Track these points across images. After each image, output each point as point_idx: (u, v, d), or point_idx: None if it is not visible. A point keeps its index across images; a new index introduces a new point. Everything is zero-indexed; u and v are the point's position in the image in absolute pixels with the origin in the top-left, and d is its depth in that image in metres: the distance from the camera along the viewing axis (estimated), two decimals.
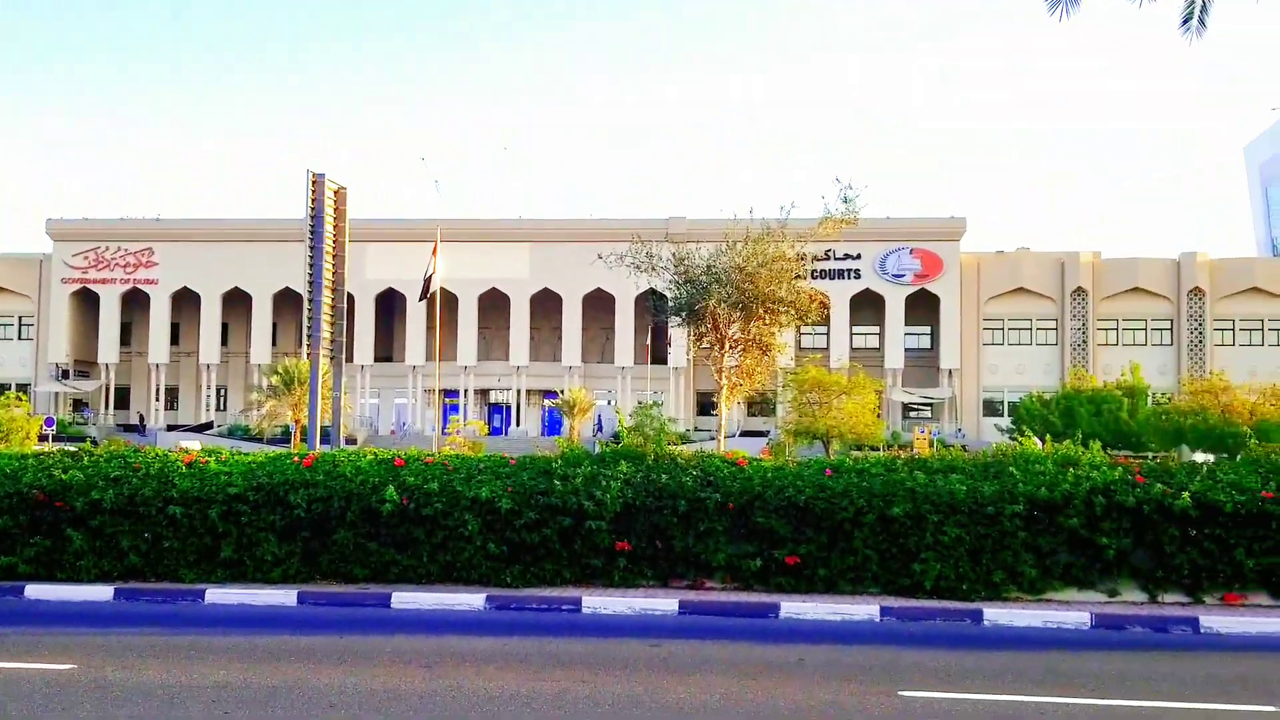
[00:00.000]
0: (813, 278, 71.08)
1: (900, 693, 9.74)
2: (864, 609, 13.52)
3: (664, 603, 13.73)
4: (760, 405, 74.06)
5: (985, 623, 13.29)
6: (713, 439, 69.59)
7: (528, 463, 15.17)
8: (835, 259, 71.65)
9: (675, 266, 23.36)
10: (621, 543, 14.39)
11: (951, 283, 71.63)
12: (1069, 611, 13.42)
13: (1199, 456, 46.18)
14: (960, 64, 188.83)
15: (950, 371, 72.20)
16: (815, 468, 14.87)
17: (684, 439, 65.36)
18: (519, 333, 73.97)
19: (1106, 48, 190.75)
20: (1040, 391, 63.15)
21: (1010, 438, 61.43)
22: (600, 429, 67.43)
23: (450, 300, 71.21)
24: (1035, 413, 59.77)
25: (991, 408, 72.62)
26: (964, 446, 43.28)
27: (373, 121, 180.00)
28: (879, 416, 71.97)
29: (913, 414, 74.54)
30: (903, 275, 71.96)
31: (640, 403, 62.91)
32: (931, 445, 52.08)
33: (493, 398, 77.09)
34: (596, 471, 14.65)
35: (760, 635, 12.51)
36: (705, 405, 77.28)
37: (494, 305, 74.64)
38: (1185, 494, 13.64)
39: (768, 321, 23.03)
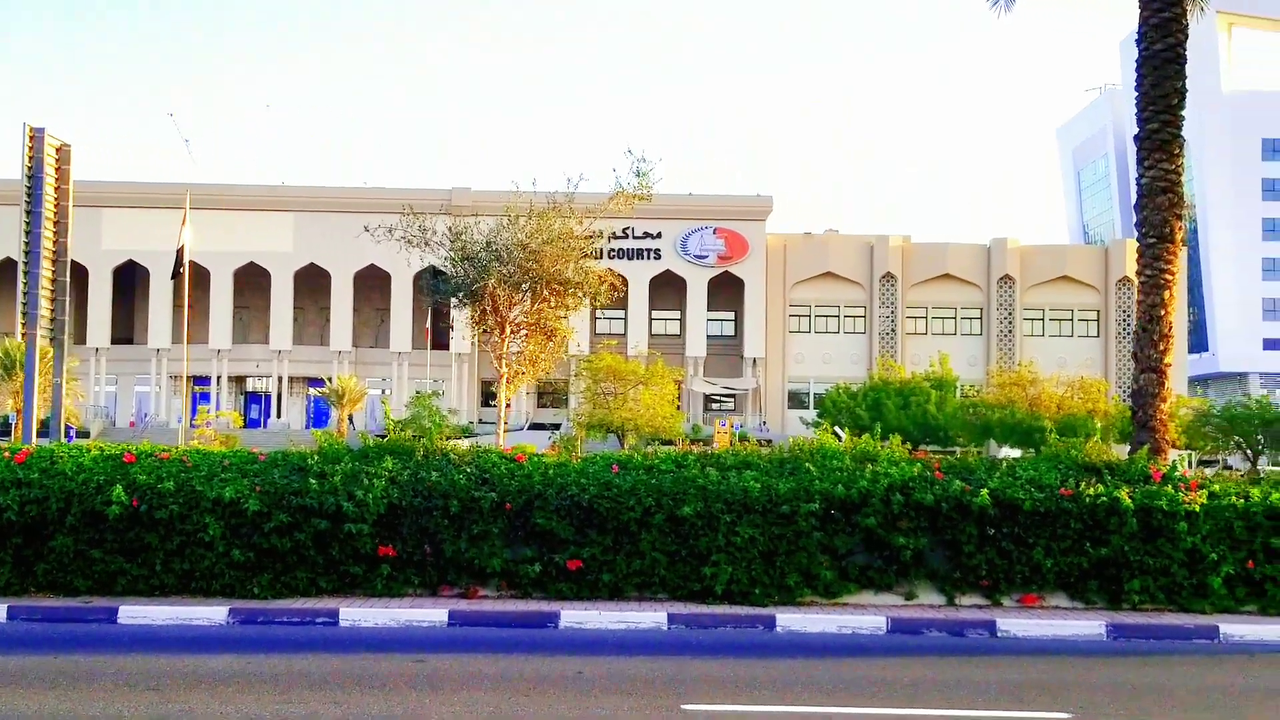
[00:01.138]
0: (609, 257, 72.24)
1: (684, 706, 9.89)
2: (651, 616, 13.69)
3: (432, 613, 13.60)
4: (552, 395, 74.36)
5: (778, 629, 13.62)
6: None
7: (280, 459, 14.79)
8: (634, 238, 72.38)
9: (452, 242, 23.08)
10: (385, 548, 14.18)
11: (757, 265, 73.22)
12: (865, 616, 13.88)
13: (1006, 452, 48.53)
14: (772, 45, 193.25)
15: (755, 360, 73.86)
16: (601, 464, 14.95)
17: (466, 432, 64.95)
18: (281, 313, 72.19)
19: (924, 28, 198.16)
20: (847, 382, 65.17)
21: (815, 431, 63.32)
22: (376, 422, 66.48)
23: (202, 275, 68.92)
24: (842, 405, 61.64)
25: (797, 399, 74.64)
26: (768, 440, 44.35)
27: (120, 79, 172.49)
28: (679, 408, 73.38)
29: (715, 405, 76.01)
30: (706, 256, 73.19)
31: (418, 392, 62.50)
32: (733, 439, 53.22)
33: (250, 386, 75.05)
34: (358, 469, 14.39)
35: (537, 647, 12.52)
36: (491, 395, 77.02)
37: (253, 282, 72.60)
38: (984, 492, 14.26)
39: (554, 304, 23.02)
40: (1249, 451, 50.40)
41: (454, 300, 24.21)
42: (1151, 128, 18.21)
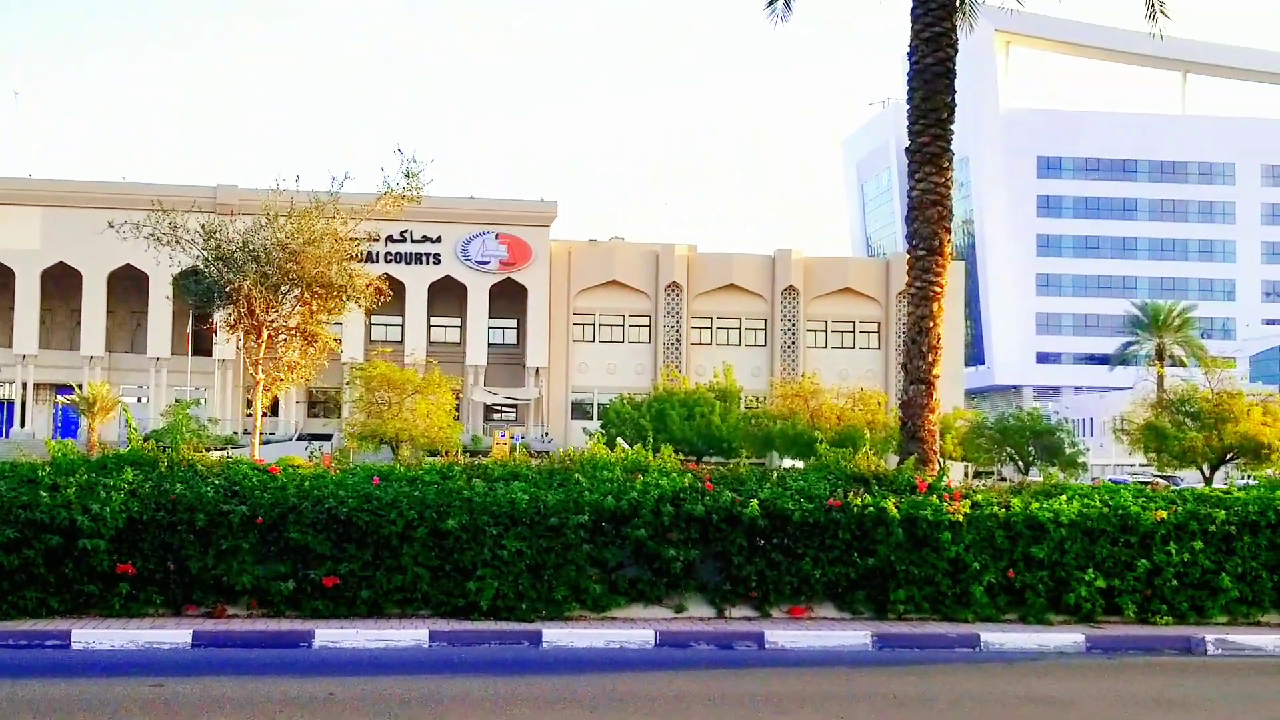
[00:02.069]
0: (385, 261, 71.25)
1: None
2: (411, 634, 13.49)
3: (175, 634, 13.11)
4: (324, 405, 72.91)
5: (544, 644, 13.59)
6: (267, 443, 67.64)
7: (7, 470, 14.07)
8: (413, 241, 71.66)
9: (205, 240, 22.34)
10: (124, 565, 13.62)
11: (541, 273, 73.27)
12: (634, 630, 13.98)
13: (788, 463, 49.67)
14: (565, 56, 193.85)
15: (538, 370, 73.85)
16: (361, 475, 14.69)
17: (230, 442, 63.04)
18: (26, 315, 68.84)
19: (714, 37, 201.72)
20: (632, 393, 65.73)
21: (600, 444, 63.61)
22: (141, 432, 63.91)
23: None
24: (626, 416, 62.11)
25: (581, 410, 74.91)
26: (546, 452, 44.32)
27: None
28: (458, 418, 72.78)
29: (497, 416, 75.73)
30: (488, 262, 72.88)
31: (177, 400, 60.35)
32: (513, 450, 53.06)
33: None
34: (95, 480, 13.78)
35: (288, 668, 12.22)
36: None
37: None
38: (754, 503, 14.52)
39: (315, 308, 22.49)
40: (1021, 463, 52.89)
41: (210, 303, 23.44)
42: (922, 141, 18.91)
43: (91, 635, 12.96)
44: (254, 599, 13.99)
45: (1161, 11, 21.81)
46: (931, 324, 18.64)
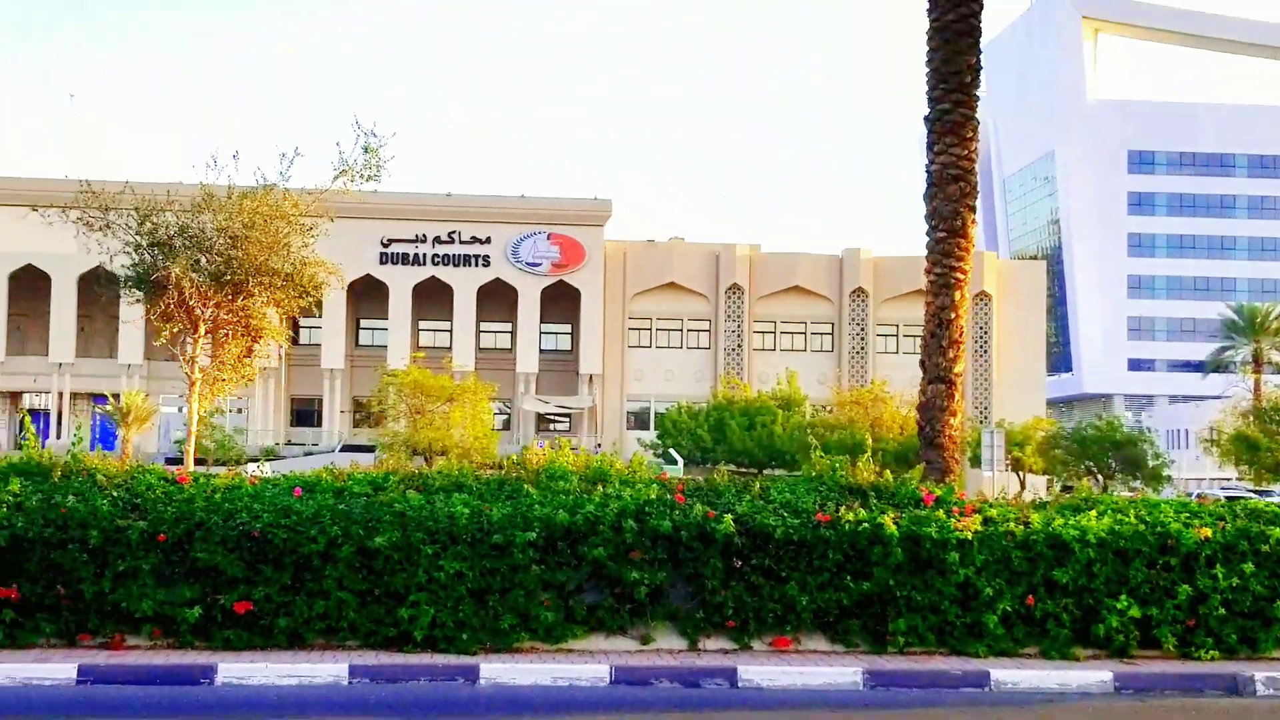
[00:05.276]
0: (433, 263, 70.29)
1: None
2: (330, 669, 12.16)
3: (59, 668, 11.86)
4: (370, 415, 72.18)
5: (481, 682, 12.20)
6: (309, 454, 66.93)
7: None
8: (461, 242, 70.73)
9: (139, 225, 21.20)
10: (6, 589, 12.41)
11: (594, 274, 71.91)
12: (587, 664, 12.55)
13: None
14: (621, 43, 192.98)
15: (591, 377, 72.50)
16: (284, 486, 13.40)
17: (270, 454, 62.56)
18: (63, 322, 68.74)
19: (778, 31, 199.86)
20: (691, 401, 64.31)
21: (655, 454, 62.28)
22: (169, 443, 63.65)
23: None
24: (683, 425, 60.72)
25: (638, 419, 73.48)
26: None
27: None
28: (506, 428, 71.72)
29: (551, 425, 74.50)
30: (539, 264, 71.65)
31: (216, 409, 59.75)
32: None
33: (28, 403, 71.42)
34: None
35: (182, 709, 11.09)
36: (303, 414, 74.52)
37: (32, 287, 69.01)
38: (728, 518, 13.04)
39: (261, 299, 21.22)
40: (1100, 475, 50.74)
41: (127, 294, 22.21)
42: (943, 108, 17.28)
43: None
44: (157, 628, 12.72)
45: None
46: (953, 315, 17.09)
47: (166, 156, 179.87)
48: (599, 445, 70.31)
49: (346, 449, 64.22)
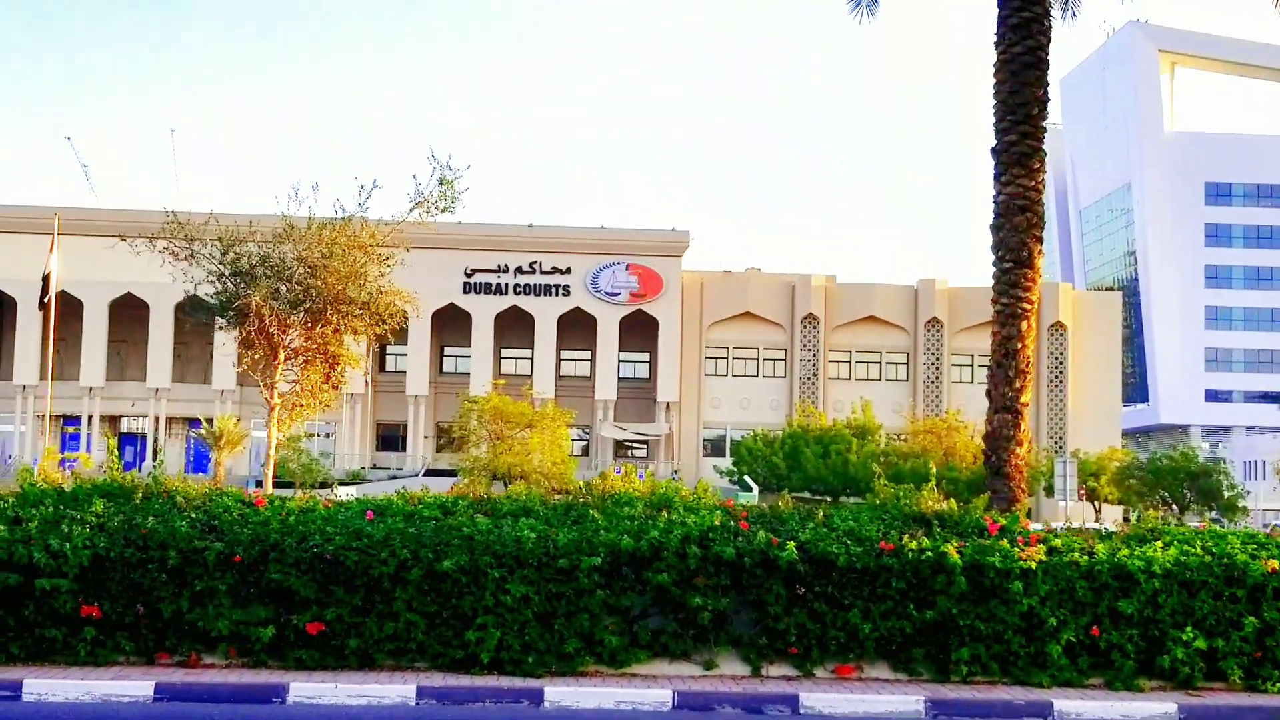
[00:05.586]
0: (515, 293, 70.69)
1: None
2: (398, 689, 12.18)
3: (137, 685, 11.99)
4: (453, 440, 72.58)
5: (546, 704, 12.17)
6: (393, 478, 67.35)
7: None
8: (542, 272, 71.11)
9: (223, 255, 21.52)
10: (90, 607, 12.57)
11: (672, 304, 71.93)
12: (650, 689, 12.45)
13: None
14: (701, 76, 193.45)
15: (668, 405, 72.43)
16: (356, 509, 13.46)
17: (356, 478, 63.06)
18: (160, 348, 69.93)
19: (833, 59, 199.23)
20: (766, 429, 64.08)
21: (731, 481, 62.07)
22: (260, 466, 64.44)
23: (74, 306, 66.65)
24: (759, 453, 60.43)
25: (714, 446, 73.31)
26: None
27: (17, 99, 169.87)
28: (585, 454, 71.84)
29: (629, 452, 74.48)
30: (618, 294, 71.81)
31: (304, 433, 60.42)
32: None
33: (125, 426, 72.63)
34: (60, 513, 12.79)
35: None
36: (389, 439, 75.11)
37: (131, 315, 70.29)
38: (790, 545, 12.90)
39: (338, 327, 21.42)
40: (1175, 505, 49.79)
41: (221, 319, 22.60)
42: (1009, 140, 17.08)
43: (46, 685, 11.92)
44: (232, 647, 12.82)
45: None
46: (1020, 345, 16.82)
47: (247, 188, 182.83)
48: (675, 472, 70.17)
49: (430, 473, 64.63)
